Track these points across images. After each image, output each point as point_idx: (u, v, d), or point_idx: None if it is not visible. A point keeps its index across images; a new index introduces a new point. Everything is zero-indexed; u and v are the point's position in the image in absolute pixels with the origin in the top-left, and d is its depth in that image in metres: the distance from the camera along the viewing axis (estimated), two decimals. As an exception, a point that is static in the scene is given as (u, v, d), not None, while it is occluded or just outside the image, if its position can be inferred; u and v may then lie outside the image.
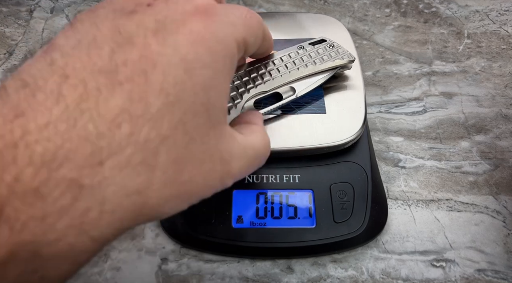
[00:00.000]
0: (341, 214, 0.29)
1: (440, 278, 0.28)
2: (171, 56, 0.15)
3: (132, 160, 0.14)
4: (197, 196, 0.18)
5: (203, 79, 0.16)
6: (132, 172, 0.14)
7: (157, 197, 0.15)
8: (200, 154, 0.17)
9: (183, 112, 0.15)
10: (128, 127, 0.14)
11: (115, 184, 0.14)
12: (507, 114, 0.37)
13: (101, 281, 0.28)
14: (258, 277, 0.29)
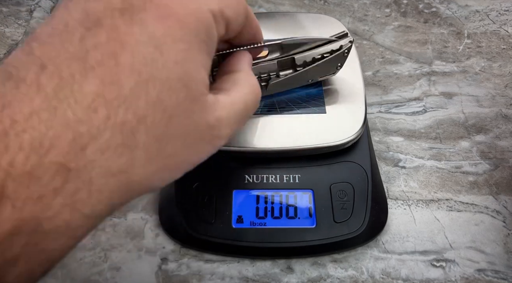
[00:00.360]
0: (341, 214, 0.29)
1: (440, 278, 0.28)
2: (138, 35, 0.15)
3: (112, 143, 0.15)
4: (188, 164, 0.18)
5: (175, 53, 0.16)
6: (114, 154, 0.15)
7: (143, 173, 0.16)
8: (183, 128, 0.17)
9: (159, 90, 0.16)
10: (104, 111, 0.14)
11: (99, 166, 0.14)
12: (507, 114, 0.37)
13: (101, 281, 0.28)
14: (258, 277, 0.29)
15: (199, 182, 0.30)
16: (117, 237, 0.30)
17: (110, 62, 0.15)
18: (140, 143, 0.15)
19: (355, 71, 0.34)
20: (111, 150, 0.15)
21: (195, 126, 0.18)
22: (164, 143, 0.16)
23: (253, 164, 0.31)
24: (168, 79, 0.16)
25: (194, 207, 0.29)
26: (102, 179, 0.15)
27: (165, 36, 0.16)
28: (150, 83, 0.15)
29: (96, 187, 0.15)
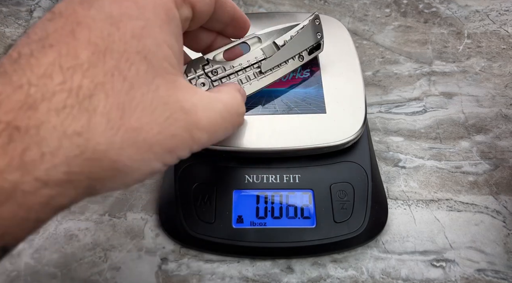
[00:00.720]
0: (341, 214, 0.29)
1: (440, 278, 0.28)
2: (95, 15, 0.17)
3: (68, 104, 0.15)
4: (161, 147, 0.18)
5: (132, 28, 0.17)
6: (69, 115, 0.15)
7: (105, 142, 0.15)
8: (148, 101, 0.17)
9: (116, 60, 0.16)
10: (60, 77, 0.15)
11: (53, 127, 0.14)
12: (507, 114, 0.37)
13: (101, 281, 0.28)
14: (258, 277, 0.29)
15: (199, 182, 0.30)
16: (117, 237, 0.30)
17: (68, 39, 0.16)
18: (99, 108, 0.15)
19: (355, 71, 0.34)
20: (66, 111, 0.15)
21: (163, 103, 0.17)
22: (127, 113, 0.16)
23: (253, 164, 0.31)
24: (126, 51, 0.17)
25: (194, 207, 0.29)
26: (56, 140, 0.14)
27: (121, 15, 0.17)
28: (107, 54, 0.16)
29: (49, 149, 0.14)
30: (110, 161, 0.16)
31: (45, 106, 0.14)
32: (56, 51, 0.15)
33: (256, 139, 0.29)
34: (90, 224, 0.31)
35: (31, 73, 0.15)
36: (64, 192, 0.15)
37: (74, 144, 0.15)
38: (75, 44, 0.16)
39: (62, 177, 0.15)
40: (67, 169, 0.15)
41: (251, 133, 0.30)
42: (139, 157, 0.17)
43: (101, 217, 0.31)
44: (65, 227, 0.31)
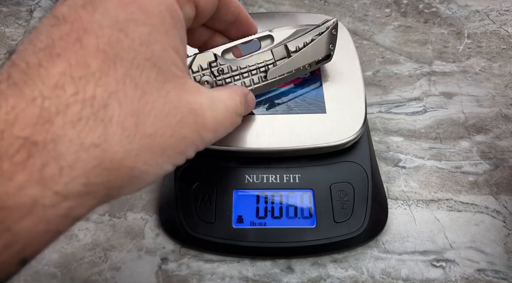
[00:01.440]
0: (341, 214, 0.29)
1: (440, 278, 0.28)
2: (101, 21, 0.16)
3: (83, 116, 0.15)
4: (174, 150, 0.18)
5: (140, 35, 0.17)
6: (85, 127, 0.15)
7: (122, 151, 0.15)
8: (160, 106, 0.17)
9: (127, 67, 0.16)
10: (72, 87, 0.15)
11: (69, 140, 0.14)
12: (507, 114, 0.37)
13: (101, 281, 0.28)
14: (258, 277, 0.29)
15: (199, 182, 0.30)
16: (117, 237, 0.30)
17: (75, 47, 0.16)
18: (114, 117, 0.15)
19: (355, 72, 0.34)
20: (83, 123, 0.15)
21: (175, 107, 0.18)
22: (142, 120, 0.16)
23: (253, 164, 0.31)
24: (135, 58, 0.16)
25: (194, 207, 0.29)
26: (74, 153, 0.14)
27: (128, 20, 0.17)
28: (117, 61, 0.16)
29: (67, 163, 0.14)
30: (127, 168, 0.16)
31: (61, 120, 0.14)
32: (65, 60, 0.15)
33: (256, 139, 0.29)
34: (90, 224, 0.31)
35: (42, 85, 0.15)
36: (83, 203, 0.15)
37: (91, 155, 0.15)
38: (83, 52, 0.15)
39: (81, 189, 0.15)
40: (86, 180, 0.15)
41: (251, 133, 0.30)
42: (153, 161, 0.17)
43: (101, 217, 0.31)
44: (65, 227, 0.31)
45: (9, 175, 0.13)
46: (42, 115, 0.14)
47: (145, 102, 0.16)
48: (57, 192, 0.14)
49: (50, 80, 0.15)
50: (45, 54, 0.15)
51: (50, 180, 0.14)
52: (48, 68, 0.15)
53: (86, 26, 0.16)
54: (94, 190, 0.15)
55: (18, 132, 0.14)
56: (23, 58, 0.15)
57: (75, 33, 0.16)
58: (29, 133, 0.14)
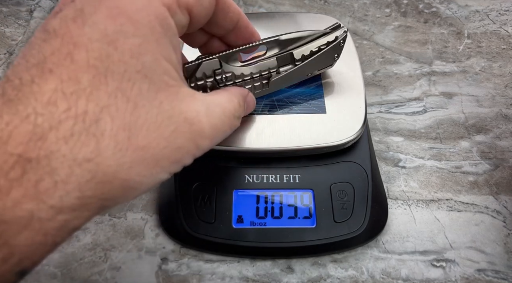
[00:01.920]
0: (341, 214, 0.29)
1: (440, 278, 0.28)
2: (91, 34, 0.16)
3: (75, 131, 0.15)
4: (168, 161, 0.18)
5: (130, 47, 0.17)
6: (78, 142, 0.15)
7: (115, 164, 0.16)
8: (153, 117, 0.17)
9: (118, 81, 0.16)
10: (65, 103, 0.15)
11: (63, 156, 0.15)
12: (507, 114, 0.37)
13: (101, 281, 0.28)
14: (258, 277, 0.29)
15: (199, 182, 0.30)
16: (117, 237, 0.30)
17: (66, 62, 0.16)
18: (106, 130, 0.16)
19: (355, 72, 0.34)
20: (75, 139, 0.15)
21: (168, 117, 0.18)
22: (134, 133, 0.16)
23: (253, 164, 0.31)
24: (126, 71, 0.16)
25: (194, 207, 0.29)
26: (67, 168, 0.15)
27: (117, 32, 0.17)
28: (108, 76, 0.16)
29: (61, 178, 0.15)
30: (121, 180, 0.16)
31: (54, 136, 0.15)
32: (56, 76, 0.15)
33: (256, 140, 0.29)
34: (90, 224, 0.31)
35: (35, 102, 0.15)
36: (78, 215, 0.16)
37: (85, 169, 0.15)
38: (74, 68, 0.16)
39: (76, 202, 0.15)
40: (80, 194, 0.15)
41: (251, 133, 0.30)
42: (147, 172, 0.17)
43: (101, 217, 0.31)
44: (65, 227, 0.31)
45: (5, 191, 0.14)
46: (35, 132, 0.14)
47: (137, 115, 0.16)
48: (53, 206, 0.14)
49: (42, 96, 0.15)
50: (37, 70, 0.15)
51: (45, 194, 0.14)
52: (40, 84, 0.15)
53: (76, 40, 0.16)
54: (89, 202, 0.16)
55: (12, 150, 0.14)
56: (17, 74, 0.16)
57: (66, 48, 0.16)
58: (23, 150, 0.14)
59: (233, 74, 0.27)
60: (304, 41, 0.29)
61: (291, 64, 0.29)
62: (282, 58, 0.29)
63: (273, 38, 0.28)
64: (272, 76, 0.29)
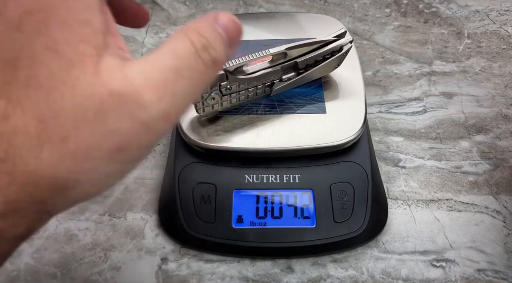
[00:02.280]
0: (341, 214, 0.29)
1: (440, 278, 0.28)
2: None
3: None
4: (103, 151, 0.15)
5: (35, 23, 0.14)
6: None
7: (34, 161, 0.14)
8: (68, 101, 0.14)
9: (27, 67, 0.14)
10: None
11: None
12: (507, 114, 0.37)
13: (101, 281, 0.28)
14: (258, 277, 0.29)
15: (199, 182, 0.30)
16: (117, 237, 0.30)
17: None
18: (18, 126, 0.14)
19: (355, 71, 0.34)
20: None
21: (87, 96, 0.14)
22: (50, 123, 0.14)
23: (253, 164, 0.31)
24: (35, 53, 0.14)
25: (194, 207, 0.29)
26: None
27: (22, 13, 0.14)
28: (17, 64, 0.14)
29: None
30: (47, 179, 0.14)
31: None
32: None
33: (256, 140, 0.29)
34: (90, 224, 0.31)
35: None
36: (13, 222, 0.14)
37: (2, 172, 0.13)
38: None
39: (4, 208, 0.13)
40: (5, 198, 0.13)
41: (251, 133, 0.30)
42: (79, 167, 0.14)
43: (101, 217, 0.31)
44: (65, 227, 0.31)
45: None
46: None
47: (51, 101, 0.14)
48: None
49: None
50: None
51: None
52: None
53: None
54: (18, 206, 0.14)
55: None
56: None
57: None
58: None
59: (238, 85, 0.27)
60: (309, 49, 0.29)
61: (294, 72, 0.30)
62: (286, 66, 0.29)
63: (281, 49, 0.27)
64: (275, 84, 0.29)
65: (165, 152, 0.34)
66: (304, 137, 0.29)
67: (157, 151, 0.35)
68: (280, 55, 0.28)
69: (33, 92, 0.14)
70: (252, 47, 0.30)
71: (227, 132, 0.30)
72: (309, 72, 0.30)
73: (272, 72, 0.28)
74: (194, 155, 0.31)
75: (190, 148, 0.31)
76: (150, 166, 0.34)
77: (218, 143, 0.29)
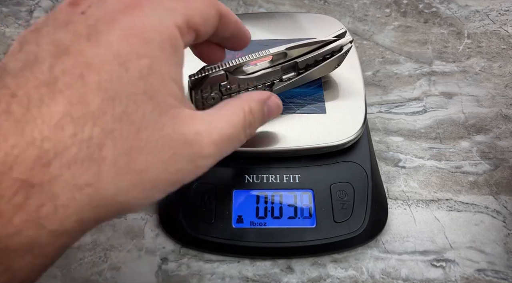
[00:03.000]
0: (341, 214, 0.29)
1: (440, 278, 0.28)
2: (104, 55, 0.16)
3: (79, 157, 0.15)
4: (165, 183, 0.18)
5: (140, 69, 0.16)
6: (80, 168, 0.15)
7: (113, 188, 0.16)
8: (153, 141, 0.17)
9: (125, 104, 0.16)
10: (71, 128, 0.15)
11: (65, 181, 0.14)
12: (507, 114, 0.37)
13: (101, 281, 0.28)
14: (258, 277, 0.29)
15: (199, 182, 0.30)
16: (117, 237, 0.30)
17: (78, 84, 0.15)
18: (108, 156, 0.15)
19: (355, 71, 0.34)
20: (78, 165, 0.15)
21: (168, 140, 0.17)
22: (134, 157, 0.16)
23: (253, 164, 0.31)
24: (134, 94, 0.16)
25: (194, 207, 0.29)
26: (68, 193, 0.15)
27: (129, 54, 0.16)
28: (116, 99, 0.16)
29: (61, 202, 0.14)
30: (117, 203, 0.16)
31: (58, 161, 0.14)
32: (66, 98, 0.15)
33: (256, 140, 0.29)
34: (90, 224, 0.31)
35: (43, 125, 0.14)
36: (76, 236, 0.16)
37: (84, 194, 0.15)
38: (85, 90, 0.15)
39: (75, 225, 0.15)
40: (79, 217, 0.15)
41: (251, 133, 0.30)
42: (143, 195, 0.17)
43: (101, 217, 0.31)
44: (65, 227, 0.31)
45: (8, 217, 0.14)
46: (40, 157, 0.14)
47: (139, 139, 0.16)
48: (53, 230, 0.14)
49: (50, 119, 0.14)
50: (47, 90, 0.15)
51: (46, 220, 0.14)
52: (50, 106, 0.15)
53: (89, 61, 0.16)
54: (86, 224, 0.16)
55: (17, 175, 0.14)
56: (25, 91, 0.15)
57: (78, 69, 0.15)
58: (27, 176, 0.14)
59: (238, 85, 0.27)
60: (309, 49, 0.29)
61: (294, 72, 0.29)
62: (286, 67, 0.29)
63: (281, 49, 0.28)
64: (275, 84, 0.29)
65: (165, 152, 0.34)
66: (304, 138, 0.29)
67: (157, 151, 0.35)
68: (280, 55, 0.28)
69: (125, 127, 0.16)
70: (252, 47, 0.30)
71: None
72: (309, 72, 0.30)
73: (272, 72, 0.28)
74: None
75: (190, 148, 0.30)
76: (150, 166, 0.34)
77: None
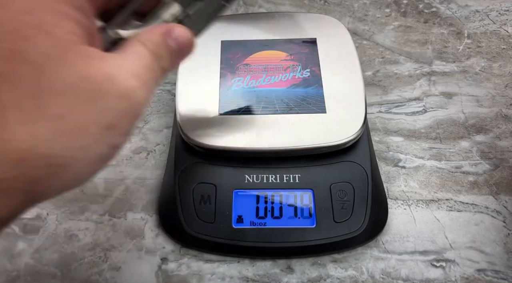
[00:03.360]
0: (341, 214, 0.29)
1: (440, 278, 0.28)
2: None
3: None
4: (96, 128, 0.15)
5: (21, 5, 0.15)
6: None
7: (29, 138, 0.14)
8: (64, 79, 0.15)
9: (11, 42, 0.14)
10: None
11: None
12: (507, 114, 0.37)
13: (101, 281, 0.28)
14: (258, 277, 0.29)
15: (199, 182, 0.30)
16: (117, 237, 0.30)
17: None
18: (8, 101, 0.14)
19: (355, 71, 0.34)
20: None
21: (83, 77, 0.15)
22: (45, 100, 0.14)
23: (253, 164, 0.31)
24: (19, 29, 0.14)
25: (194, 207, 0.29)
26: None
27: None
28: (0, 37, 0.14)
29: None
30: (43, 156, 0.14)
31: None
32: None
33: (256, 140, 0.29)
34: (90, 224, 0.31)
35: None
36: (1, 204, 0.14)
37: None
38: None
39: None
40: None
41: (251, 133, 0.30)
42: (75, 144, 0.15)
43: (101, 217, 0.31)
44: (65, 227, 0.31)
45: None
46: None
47: (45, 78, 0.14)
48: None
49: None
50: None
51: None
52: None
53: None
54: (9, 186, 0.14)
55: None
56: None
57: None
58: None
59: None
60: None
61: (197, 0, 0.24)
62: None
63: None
64: (183, 22, 0.24)
65: (165, 152, 0.34)
66: (304, 137, 0.29)
67: (157, 151, 0.35)
68: None
69: (22, 67, 0.14)
70: (253, 47, 0.30)
71: (227, 132, 0.30)
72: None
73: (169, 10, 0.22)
74: (194, 155, 0.31)
75: (190, 148, 0.31)
76: (150, 166, 0.34)
77: (218, 143, 0.29)
